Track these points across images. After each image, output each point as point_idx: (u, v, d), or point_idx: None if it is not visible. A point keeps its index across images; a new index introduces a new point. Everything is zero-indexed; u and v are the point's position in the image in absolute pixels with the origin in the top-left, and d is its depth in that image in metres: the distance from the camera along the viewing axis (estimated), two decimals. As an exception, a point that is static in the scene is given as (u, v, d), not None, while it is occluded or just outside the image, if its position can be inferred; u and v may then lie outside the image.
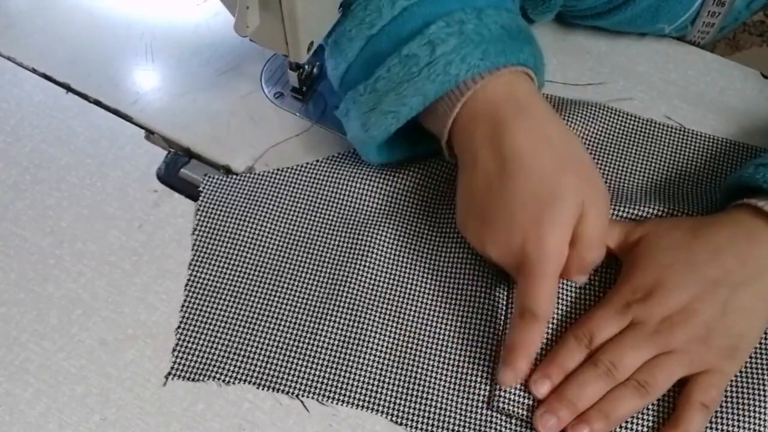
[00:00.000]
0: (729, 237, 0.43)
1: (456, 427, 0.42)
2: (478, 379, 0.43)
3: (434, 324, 0.45)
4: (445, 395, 0.43)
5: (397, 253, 0.48)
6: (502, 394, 0.42)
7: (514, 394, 0.42)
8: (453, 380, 0.43)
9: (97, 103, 0.55)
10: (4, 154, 0.52)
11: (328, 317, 0.45)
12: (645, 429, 0.42)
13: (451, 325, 0.45)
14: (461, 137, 0.44)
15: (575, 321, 0.45)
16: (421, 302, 0.46)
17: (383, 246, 0.48)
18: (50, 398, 0.43)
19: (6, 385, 0.43)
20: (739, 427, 0.42)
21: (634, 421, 0.42)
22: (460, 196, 0.45)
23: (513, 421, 0.42)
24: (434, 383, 0.43)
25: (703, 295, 0.41)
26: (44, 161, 0.52)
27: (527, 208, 0.41)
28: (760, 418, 0.42)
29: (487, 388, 0.43)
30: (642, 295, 0.42)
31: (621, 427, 0.42)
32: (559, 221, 0.40)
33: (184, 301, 0.46)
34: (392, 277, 0.47)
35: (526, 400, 0.42)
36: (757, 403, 0.42)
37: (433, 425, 0.42)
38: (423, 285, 0.47)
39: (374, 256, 0.48)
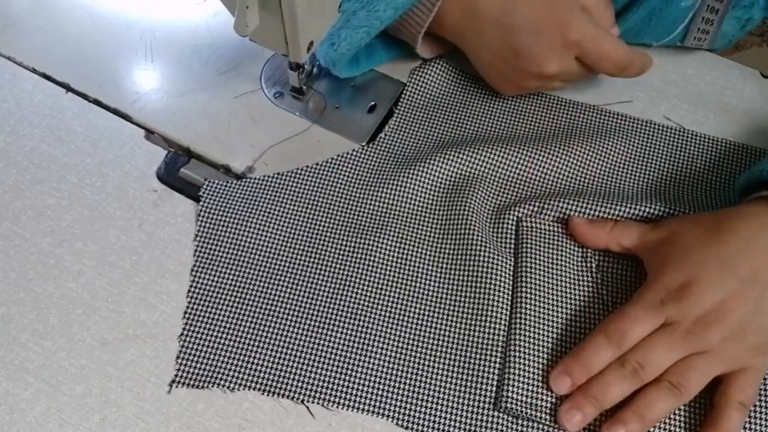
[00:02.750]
0: (756, 232, 0.43)
1: (463, 429, 0.42)
2: (484, 381, 0.43)
3: (439, 326, 0.45)
4: (451, 397, 0.43)
5: (400, 256, 0.48)
6: (509, 395, 0.42)
7: (521, 394, 0.42)
8: (459, 382, 0.44)
9: (97, 102, 0.55)
10: (3, 153, 0.52)
11: (332, 322, 0.45)
12: (681, 429, 0.42)
13: (455, 328, 0.45)
14: (449, 24, 0.51)
15: (576, 320, 0.45)
16: (425, 305, 0.46)
17: (386, 249, 0.48)
18: (50, 398, 0.43)
19: (6, 384, 0.43)
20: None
21: (669, 421, 0.42)
22: (488, 66, 0.53)
23: (519, 421, 0.42)
24: (440, 386, 0.44)
25: (736, 293, 0.42)
26: (44, 161, 0.52)
27: (546, 13, 0.48)
28: None
29: (494, 389, 0.43)
30: (676, 293, 0.42)
31: (657, 427, 0.42)
32: (574, 9, 0.49)
33: (187, 307, 0.46)
34: (396, 280, 0.47)
35: (533, 400, 0.42)
36: None
37: (439, 428, 0.42)
38: (427, 287, 0.47)
39: (377, 259, 0.48)
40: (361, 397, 0.43)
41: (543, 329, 0.45)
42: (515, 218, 0.49)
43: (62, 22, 0.59)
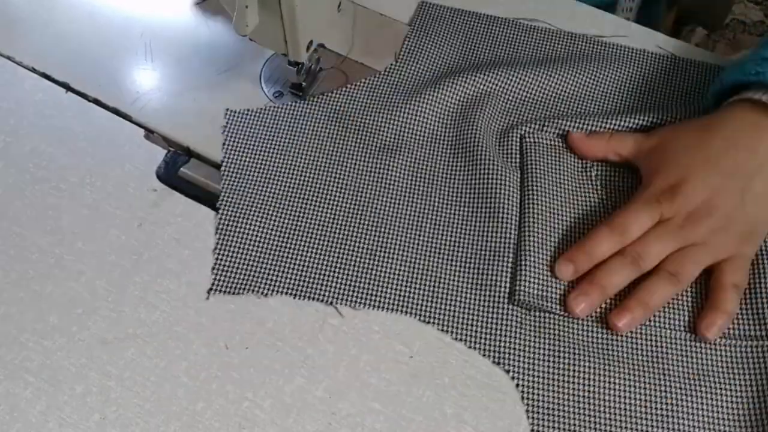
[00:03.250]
0: (738, 131, 0.47)
1: (480, 321, 0.46)
2: (499, 278, 0.47)
3: (455, 233, 0.49)
4: (469, 294, 0.47)
5: (416, 172, 0.52)
6: (522, 288, 0.46)
7: (532, 287, 0.46)
8: (475, 280, 0.47)
9: (97, 102, 0.55)
10: (3, 153, 0.52)
11: (356, 230, 0.49)
12: (685, 316, 0.46)
13: (470, 233, 0.49)
14: None
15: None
16: (442, 214, 0.50)
17: (403, 166, 0.52)
18: (50, 397, 0.43)
19: (6, 384, 0.43)
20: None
21: (673, 310, 0.46)
22: None
23: (532, 312, 0.46)
24: (458, 284, 0.47)
25: (722, 187, 0.46)
26: (44, 161, 0.52)
27: None
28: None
29: (507, 284, 0.47)
30: (668, 192, 0.46)
31: (663, 315, 0.46)
32: None
33: (218, 224, 0.49)
34: (413, 192, 0.51)
35: (543, 292, 0.46)
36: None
37: (458, 321, 0.46)
38: (442, 198, 0.51)
39: (395, 175, 0.51)
40: (385, 297, 0.46)
41: (549, 231, 0.48)
42: (519, 135, 0.53)
43: (62, 21, 0.59)
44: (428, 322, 0.46)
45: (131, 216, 0.50)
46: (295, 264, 0.48)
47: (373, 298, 0.46)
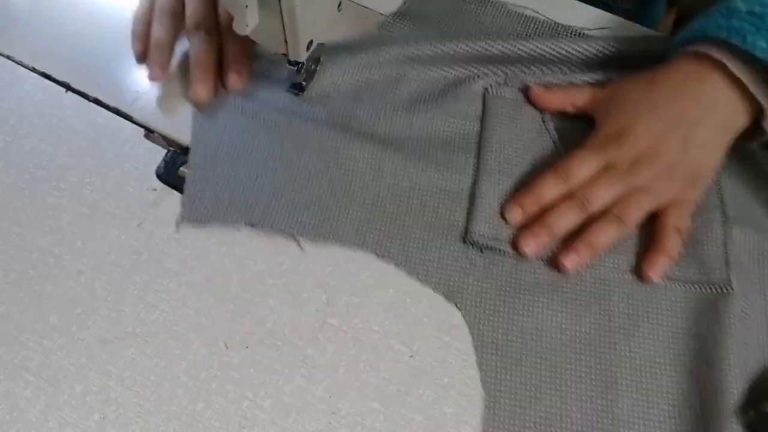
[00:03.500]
0: (682, 81, 0.49)
1: (433, 258, 0.48)
2: (453, 218, 0.49)
3: (411, 175, 0.51)
4: (424, 232, 0.49)
5: (377, 116, 0.54)
6: (475, 229, 0.48)
7: (485, 228, 0.48)
8: (431, 220, 0.49)
9: (97, 101, 0.55)
10: (3, 153, 0.52)
11: (319, 170, 0.51)
12: (630, 258, 0.48)
13: (425, 176, 0.51)
14: None
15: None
16: (401, 157, 0.51)
17: (365, 112, 0.54)
18: (50, 397, 0.43)
19: (6, 383, 0.43)
20: None
21: (619, 252, 0.48)
22: None
23: (484, 252, 0.48)
24: (414, 223, 0.49)
25: (666, 134, 0.48)
26: (44, 160, 0.52)
27: None
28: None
29: (462, 225, 0.49)
30: (614, 138, 0.48)
31: (608, 257, 0.48)
32: None
33: (190, 159, 0.51)
34: (375, 136, 0.52)
35: (495, 233, 0.48)
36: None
37: (412, 257, 0.48)
38: (402, 143, 0.52)
39: (358, 119, 0.53)
40: (345, 233, 0.49)
41: (505, 177, 0.51)
42: (482, 88, 0.55)
43: (62, 21, 0.59)
44: (383, 257, 0.48)
45: (131, 216, 0.50)
46: (260, 199, 0.49)
47: (333, 232, 0.49)
